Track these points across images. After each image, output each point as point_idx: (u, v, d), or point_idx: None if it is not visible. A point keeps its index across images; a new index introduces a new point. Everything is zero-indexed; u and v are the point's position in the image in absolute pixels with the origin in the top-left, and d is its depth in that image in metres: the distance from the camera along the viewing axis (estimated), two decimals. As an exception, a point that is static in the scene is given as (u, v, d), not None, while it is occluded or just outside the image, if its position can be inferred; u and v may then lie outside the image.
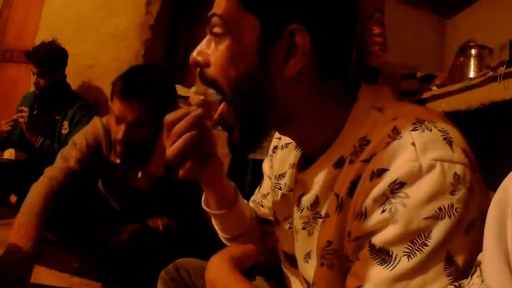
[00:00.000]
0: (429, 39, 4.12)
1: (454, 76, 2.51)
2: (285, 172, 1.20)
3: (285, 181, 1.19)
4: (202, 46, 1.00)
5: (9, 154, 3.86)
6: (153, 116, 2.34)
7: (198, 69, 1.01)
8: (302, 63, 0.91)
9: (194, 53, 1.00)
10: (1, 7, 5.11)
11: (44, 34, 4.39)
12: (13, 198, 3.85)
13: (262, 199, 1.40)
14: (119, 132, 2.34)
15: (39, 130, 3.88)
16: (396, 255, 0.76)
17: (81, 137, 2.60)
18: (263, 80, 0.93)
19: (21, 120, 3.78)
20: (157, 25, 4.38)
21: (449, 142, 0.79)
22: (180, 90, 4.07)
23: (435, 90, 2.37)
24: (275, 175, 1.25)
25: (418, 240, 0.75)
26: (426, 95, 2.37)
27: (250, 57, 0.92)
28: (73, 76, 4.26)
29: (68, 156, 2.53)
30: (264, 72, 0.92)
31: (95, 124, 2.65)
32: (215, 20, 0.96)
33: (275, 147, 1.30)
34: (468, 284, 0.67)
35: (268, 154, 1.35)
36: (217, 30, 0.96)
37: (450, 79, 2.53)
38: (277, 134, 1.31)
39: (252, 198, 1.47)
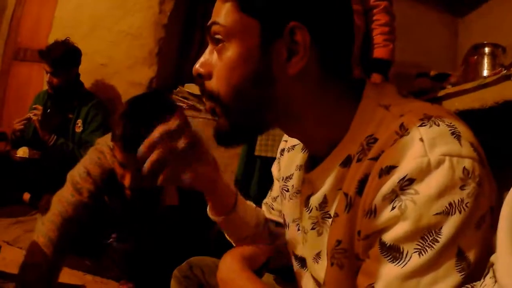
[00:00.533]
0: (442, 38, 4.12)
1: (468, 75, 2.50)
2: (292, 174, 1.20)
3: (292, 183, 1.19)
4: (204, 57, 1.00)
5: (22, 152, 3.88)
6: None
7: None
8: (304, 61, 0.91)
9: (197, 65, 1.01)
10: (14, 6, 5.14)
11: (57, 33, 4.41)
12: (26, 196, 3.89)
13: (273, 202, 1.41)
14: (126, 179, 2.21)
15: (53, 128, 3.88)
16: (407, 252, 0.76)
17: (95, 167, 2.42)
18: (266, 81, 0.93)
19: (34, 118, 3.79)
20: (170, 24, 4.37)
21: (457, 137, 0.79)
22: (194, 88, 4.08)
23: (448, 88, 2.36)
24: (283, 177, 1.25)
25: (429, 236, 0.74)
26: (439, 94, 2.36)
27: (254, 60, 0.93)
28: (87, 75, 4.28)
29: (81, 188, 2.35)
30: (267, 73, 0.93)
31: (105, 153, 2.44)
32: (215, 28, 0.96)
33: (282, 150, 1.30)
34: (481, 285, 0.67)
35: (276, 157, 1.35)
36: (218, 37, 0.96)
37: (464, 78, 2.53)
38: (284, 137, 1.31)
39: (264, 201, 1.47)
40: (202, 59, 1.01)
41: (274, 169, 1.37)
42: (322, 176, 0.98)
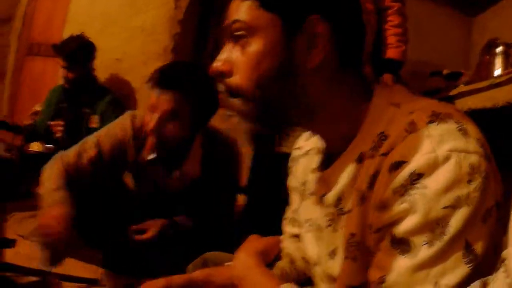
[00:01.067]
0: (455, 37, 4.12)
1: (481, 74, 2.50)
2: (308, 177, 1.21)
3: (308, 186, 1.21)
4: (224, 55, 1.02)
5: (36, 146, 3.90)
6: (190, 112, 2.33)
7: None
8: (323, 53, 0.95)
9: (217, 63, 1.02)
10: (27, 1, 5.16)
11: (71, 28, 4.45)
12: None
13: (294, 215, 1.38)
14: (151, 121, 2.27)
15: (68, 123, 3.89)
16: (417, 244, 0.78)
17: (106, 139, 2.49)
18: (288, 74, 0.96)
19: (58, 135, 3.77)
20: (186, 19, 4.39)
21: (464, 133, 0.82)
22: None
23: (461, 87, 2.36)
24: (300, 183, 1.26)
25: (437, 229, 0.77)
26: (452, 92, 2.37)
27: (276, 54, 0.95)
28: (101, 70, 4.29)
29: (84, 153, 2.44)
30: (289, 67, 0.95)
31: (124, 125, 2.54)
32: (237, 25, 0.99)
33: (295, 158, 1.31)
34: (493, 279, 0.69)
35: (289, 167, 1.35)
36: (240, 34, 0.98)
37: (477, 77, 2.53)
38: (296, 145, 1.33)
39: (285, 216, 1.46)
40: (221, 57, 1.03)
41: (289, 180, 1.37)
42: (337, 174, 1.01)
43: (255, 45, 0.97)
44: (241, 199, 3.53)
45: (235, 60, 1.00)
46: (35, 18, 5.16)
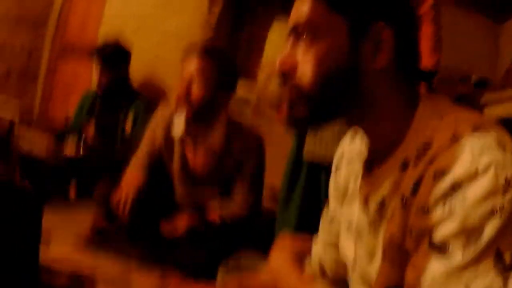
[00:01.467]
0: (483, 44, 4.12)
1: (509, 81, 2.52)
2: (351, 180, 1.26)
3: (350, 189, 1.25)
4: (288, 52, 1.06)
5: (70, 150, 3.93)
6: (216, 81, 2.66)
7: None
8: (388, 58, 1.00)
9: (280, 60, 1.06)
10: (62, 2, 5.18)
11: (105, 30, 4.53)
12: (72, 192, 3.99)
13: (331, 221, 1.41)
14: (183, 82, 2.65)
15: (100, 128, 3.93)
16: (453, 249, 0.84)
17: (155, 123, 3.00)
18: (352, 74, 1.00)
19: (90, 141, 3.82)
20: (219, 24, 4.42)
21: (503, 147, 0.88)
22: (240, 88, 4.15)
23: (489, 95, 2.38)
24: (342, 186, 1.30)
25: (473, 236, 0.83)
26: (481, 100, 2.39)
27: (341, 56, 1.00)
28: (134, 73, 4.31)
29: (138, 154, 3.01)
30: (353, 69, 1.00)
31: (157, 113, 3.04)
32: (302, 24, 1.03)
33: (338, 163, 1.34)
34: None
35: (332, 171, 1.38)
36: (306, 35, 1.02)
37: (506, 84, 2.54)
38: (338, 150, 1.37)
39: (321, 220, 1.47)
40: (284, 54, 1.06)
41: (330, 185, 1.40)
42: (381, 178, 1.05)
43: (320, 45, 1.01)
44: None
45: (299, 59, 1.04)
46: (69, 20, 5.16)
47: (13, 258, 1.87)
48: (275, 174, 3.61)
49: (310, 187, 2.67)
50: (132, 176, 2.96)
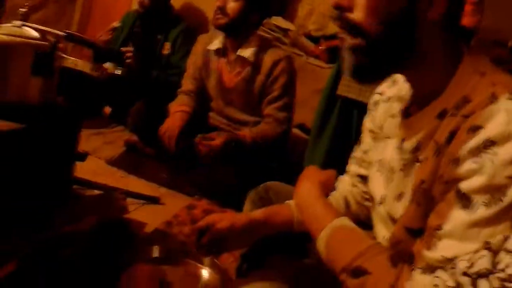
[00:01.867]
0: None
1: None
2: (386, 122, 1.28)
3: (385, 130, 1.27)
4: None
5: (110, 68, 3.93)
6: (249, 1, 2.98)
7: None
8: (443, 9, 1.00)
9: None
10: None
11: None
12: (107, 110, 4.10)
13: (363, 155, 1.45)
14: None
15: (140, 48, 3.86)
16: (476, 203, 0.86)
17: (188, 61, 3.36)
18: (409, 22, 1.01)
19: (128, 61, 3.73)
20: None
21: None
22: (280, 21, 4.13)
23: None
24: (377, 126, 1.32)
25: (497, 194, 0.85)
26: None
27: (399, 1, 0.99)
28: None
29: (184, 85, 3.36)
30: (410, 15, 1.00)
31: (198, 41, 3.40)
32: None
33: (376, 102, 1.36)
34: None
35: (368, 109, 1.40)
36: None
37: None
38: (377, 90, 1.38)
39: (352, 155, 1.52)
40: None
41: (366, 121, 1.42)
42: (418, 124, 1.08)
43: None
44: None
45: None
46: None
47: (50, 171, 1.94)
48: (308, 110, 3.64)
49: (342, 122, 2.69)
50: (179, 108, 3.22)
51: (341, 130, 2.71)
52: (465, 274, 0.83)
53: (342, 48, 1.08)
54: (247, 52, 3.01)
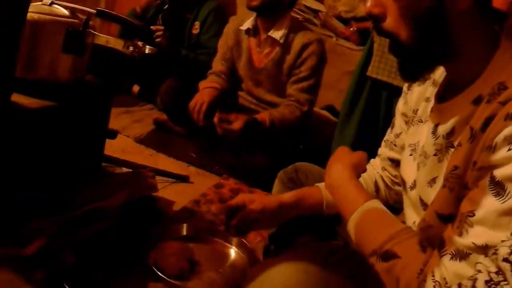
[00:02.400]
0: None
1: None
2: (421, 106, 1.27)
3: (419, 114, 1.27)
4: None
5: (139, 48, 3.93)
6: None
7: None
8: None
9: (369, 4, 1.06)
10: None
11: None
12: (135, 89, 4.09)
13: (395, 138, 1.45)
14: None
15: (169, 27, 3.84)
16: (510, 191, 0.84)
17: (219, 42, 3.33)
18: (440, 20, 1.00)
19: (158, 40, 3.71)
20: None
21: None
22: (310, 2, 4.11)
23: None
24: (411, 109, 1.31)
25: None
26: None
27: (425, 1, 0.99)
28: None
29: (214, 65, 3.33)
30: (440, 10, 0.99)
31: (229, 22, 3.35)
32: None
33: (410, 85, 1.35)
34: None
35: (403, 92, 1.39)
36: None
37: None
38: None
39: (385, 138, 1.52)
40: None
41: (400, 104, 1.41)
42: (453, 109, 1.06)
43: None
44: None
45: (386, 3, 1.04)
46: None
47: (81, 148, 1.96)
48: (337, 92, 3.62)
49: (371, 104, 2.67)
50: (209, 84, 3.20)
51: (370, 112, 2.70)
52: (505, 260, 0.82)
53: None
54: (278, 34, 2.99)
